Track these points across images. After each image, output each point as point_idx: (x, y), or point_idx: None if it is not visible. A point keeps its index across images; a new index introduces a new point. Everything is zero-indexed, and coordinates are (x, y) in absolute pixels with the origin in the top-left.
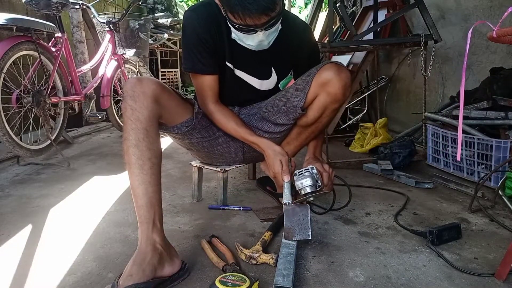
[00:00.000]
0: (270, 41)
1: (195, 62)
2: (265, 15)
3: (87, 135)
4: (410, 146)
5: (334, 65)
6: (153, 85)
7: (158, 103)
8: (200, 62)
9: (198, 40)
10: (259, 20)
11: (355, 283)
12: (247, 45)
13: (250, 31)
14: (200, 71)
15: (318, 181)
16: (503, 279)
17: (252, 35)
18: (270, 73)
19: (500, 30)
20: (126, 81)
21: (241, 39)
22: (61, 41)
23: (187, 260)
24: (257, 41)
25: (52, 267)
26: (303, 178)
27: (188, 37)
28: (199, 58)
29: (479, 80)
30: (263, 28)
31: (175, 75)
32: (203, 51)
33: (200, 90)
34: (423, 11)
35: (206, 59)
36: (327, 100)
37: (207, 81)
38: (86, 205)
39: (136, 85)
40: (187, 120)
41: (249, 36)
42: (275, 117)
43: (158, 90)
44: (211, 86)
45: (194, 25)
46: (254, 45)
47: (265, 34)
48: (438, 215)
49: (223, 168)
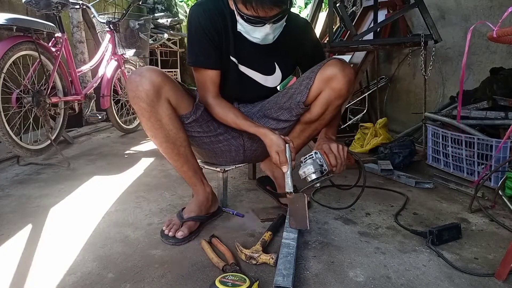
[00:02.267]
0: (275, 35)
1: (199, 56)
2: (277, 7)
3: (87, 135)
4: (410, 146)
5: (338, 61)
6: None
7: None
8: (204, 56)
9: (203, 35)
10: (270, 11)
11: (355, 283)
12: (253, 37)
13: (259, 23)
14: (203, 65)
15: (324, 165)
16: (503, 279)
17: (260, 28)
18: (274, 68)
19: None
20: (128, 80)
21: (247, 31)
22: (61, 41)
23: (187, 260)
24: (263, 34)
25: (52, 267)
26: (305, 166)
27: (193, 31)
28: (203, 52)
29: (479, 80)
30: (271, 21)
31: (175, 75)
32: (207, 46)
33: (201, 84)
34: (423, 11)
35: (210, 54)
36: (331, 96)
37: (209, 76)
38: (86, 205)
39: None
40: (189, 112)
41: (256, 29)
42: (277, 113)
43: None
44: (212, 80)
45: (200, 19)
46: (260, 38)
47: (272, 27)
48: (438, 215)
49: (223, 168)
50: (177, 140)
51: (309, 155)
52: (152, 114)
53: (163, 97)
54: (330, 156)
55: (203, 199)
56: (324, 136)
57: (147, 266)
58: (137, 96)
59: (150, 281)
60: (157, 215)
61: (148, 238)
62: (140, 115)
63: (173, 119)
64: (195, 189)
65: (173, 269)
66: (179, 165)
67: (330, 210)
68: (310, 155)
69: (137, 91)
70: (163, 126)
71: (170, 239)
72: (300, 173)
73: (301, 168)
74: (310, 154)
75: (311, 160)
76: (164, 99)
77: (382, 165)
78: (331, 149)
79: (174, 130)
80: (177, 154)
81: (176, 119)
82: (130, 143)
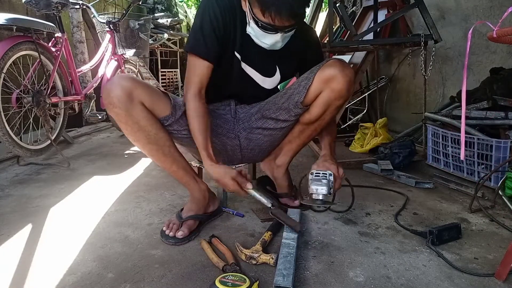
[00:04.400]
0: (283, 43)
1: (199, 44)
2: (293, 19)
3: (87, 135)
4: (410, 146)
5: (337, 61)
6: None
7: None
8: (203, 45)
9: (211, 26)
10: (287, 22)
11: (355, 283)
12: (262, 43)
13: (272, 31)
14: (200, 53)
15: (331, 188)
16: (503, 279)
17: (271, 35)
18: (274, 71)
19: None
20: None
21: (257, 36)
22: (61, 41)
23: (187, 260)
24: (273, 41)
25: (52, 267)
26: (320, 184)
27: (200, 20)
28: (205, 42)
29: (479, 80)
30: (283, 31)
31: (175, 75)
32: (210, 37)
33: (190, 74)
34: (423, 11)
35: (211, 45)
36: (331, 96)
37: (200, 67)
38: (86, 205)
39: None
40: (168, 114)
41: (267, 35)
42: (276, 114)
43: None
44: (202, 73)
45: (211, 11)
46: (269, 44)
47: (283, 36)
48: (438, 215)
49: None
50: (159, 141)
51: (323, 172)
52: (128, 118)
53: (135, 100)
54: (337, 181)
55: (199, 196)
56: (329, 153)
57: (147, 266)
58: (110, 103)
59: (150, 281)
60: (157, 215)
61: (148, 238)
62: (118, 121)
63: (150, 119)
64: (189, 188)
65: (173, 269)
66: (167, 165)
67: (330, 210)
68: (324, 173)
69: (109, 98)
70: (141, 128)
71: (170, 239)
72: (312, 187)
73: (313, 182)
74: (324, 172)
75: (326, 180)
76: (137, 101)
77: (382, 165)
78: (339, 174)
79: (153, 131)
80: (163, 154)
81: (153, 119)
82: (130, 143)
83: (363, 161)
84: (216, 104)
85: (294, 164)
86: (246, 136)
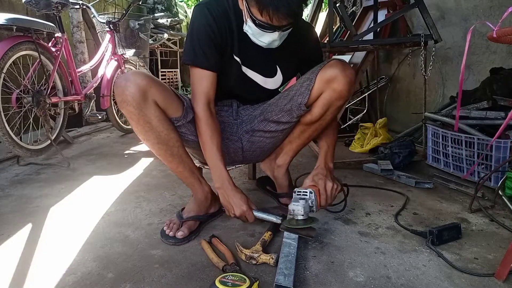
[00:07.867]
0: (281, 41)
1: (198, 55)
2: (291, 18)
3: (87, 135)
4: (410, 146)
5: (338, 62)
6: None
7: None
8: (203, 56)
9: (206, 35)
10: (284, 21)
11: (355, 283)
12: (260, 41)
13: (270, 29)
14: (201, 65)
15: (314, 206)
16: (503, 279)
17: (269, 33)
18: (275, 71)
19: (500, 30)
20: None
21: (255, 34)
22: (61, 41)
23: (187, 260)
24: (271, 39)
25: (51, 267)
26: (296, 205)
27: (195, 30)
28: (204, 52)
29: (479, 80)
30: (281, 29)
31: (175, 75)
32: (207, 46)
33: (195, 86)
34: (423, 11)
35: (210, 54)
36: (332, 97)
37: (205, 77)
38: (86, 205)
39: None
40: (180, 116)
41: (265, 34)
42: (278, 116)
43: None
44: (207, 84)
45: (205, 20)
46: (266, 42)
47: (280, 34)
48: (438, 215)
49: None
50: (169, 141)
51: (304, 191)
52: (140, 117)
53: (150, 100)
54: (322, 197)
55: (202, 198)
56: (323, 165)
57: (147, 266)
58: (124, 101)
59: (150, 281)
60: (157, 215)
61: (148, 238)
62: (130, 119)
63: (163, 120)
64: (193, 189)
65: (173, 269)
66: (174, 166)
67: (326, 211)
68: (305, 192)
69: (124, 96)
70: (153, 128)
71: (170, 239)
72: (290, 208)
73: (293, 201)
74: (305, 191)
75: (304, 201)
76: (151, 101)
77: (382, 165)
78: (326, 189)
79: (165, 131)
80: (171, 155)
81: (166, 120)
82: (130, 143)
83: (363, 161)
84: (218, 106)
85: (294, 164)
86: (248, 139)
